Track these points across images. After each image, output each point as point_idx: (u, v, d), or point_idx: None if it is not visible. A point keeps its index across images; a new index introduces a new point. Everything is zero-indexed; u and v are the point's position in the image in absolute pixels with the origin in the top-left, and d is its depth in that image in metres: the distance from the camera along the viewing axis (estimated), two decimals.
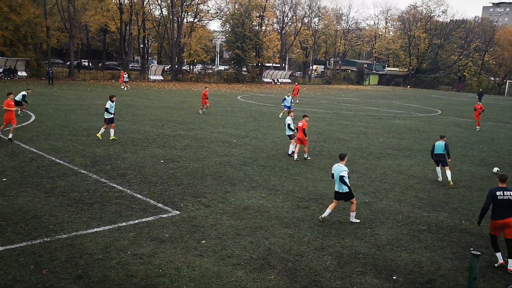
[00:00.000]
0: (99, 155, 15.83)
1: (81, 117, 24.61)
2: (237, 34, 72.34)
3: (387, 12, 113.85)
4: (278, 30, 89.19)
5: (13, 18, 50.21)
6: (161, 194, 11.91)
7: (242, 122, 26.71)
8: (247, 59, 76.15)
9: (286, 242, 9.29)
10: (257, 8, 77.69)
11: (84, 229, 9.22)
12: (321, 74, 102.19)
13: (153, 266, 7.84)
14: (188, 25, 75.77)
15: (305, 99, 49.30)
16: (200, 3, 74.55)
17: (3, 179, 12.23)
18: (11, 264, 7.54)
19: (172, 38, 70.21)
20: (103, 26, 71.63)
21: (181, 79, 71.17)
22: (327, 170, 15.74)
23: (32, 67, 56.50)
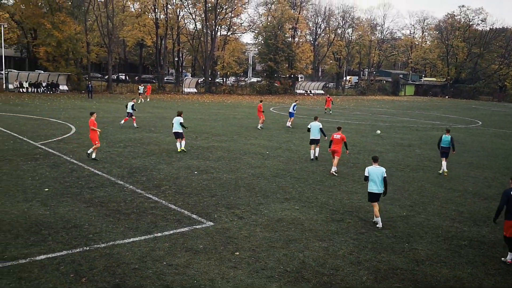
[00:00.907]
0: (136, 166, 16.16)
1: (118, 129, 25.21)
2: (270, 46, 72.80)
3: (424, 21, 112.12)
4: (311, 41, 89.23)
5: (56, 35, 52.20)
6: (195, 205, 12.02)
7: (275, 134, 26.72)
8: (280, 70, 76.42)
9: (320, 256, 9.18)
10: (290, 20, 78.07)
11: (121, 239, 9.40)
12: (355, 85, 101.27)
13: (188, 277, 7.90)
14: (221, 38, 76.83)
15: (339, 110, 48.93)
16: (233, 16, 75.56)
17: (45, 189, 12.65)
18: (52, 273, 7.76)
19: (205, 51, 71.30)
20: (139, 41, 73.46)
21: (215, 91, 72.01)
22: (362, 182, 15.52)
23: (72, 81, 58.44)
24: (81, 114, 32.12)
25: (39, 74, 55.65)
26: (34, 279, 7.51)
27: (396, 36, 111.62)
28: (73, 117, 29.48)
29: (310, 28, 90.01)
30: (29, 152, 17.66)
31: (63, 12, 54.31)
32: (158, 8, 67.11)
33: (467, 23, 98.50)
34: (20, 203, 11.29)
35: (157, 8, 67.16)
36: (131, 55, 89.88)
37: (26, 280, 7.44)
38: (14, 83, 52.37)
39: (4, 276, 7.54)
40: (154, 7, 67.34)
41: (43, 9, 56.07)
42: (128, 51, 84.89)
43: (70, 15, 55.70)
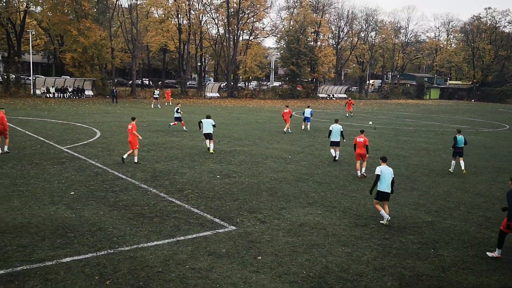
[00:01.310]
0: (159, 170, 16.32)
1: (142, 134, 25.47)
2: (292, 50, 72.78)
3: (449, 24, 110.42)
4: (333, 45, 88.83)
5: (82, 41, 53.31)
6: (217, 209, 12.06)
7: (297, 138, 26.63)
8: (302, 74, 76.27)
9: (344, 261, 9.09)
10: (312, 24, 77.95)
11: (145, 242, 9.49)
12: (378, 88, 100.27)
13: (211, 281, 7.92)
14: (243, 42, 77.18)
15: (362, 114, 48.51)
16: (255, 21, 75.82)
17: (71, 192, 12.88)
18: (78, 275, 7.89)
19: (228, 55, 71.72)
20: (163, 46, 74.42)
21: (237, 95, 72.31)
22: None
23: (97, 86, 59.55)
24: (105, 118, 32.66)
25: (65, 79, 56.91)
26: (60, 281, 7.64)
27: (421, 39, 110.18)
28: (98, 122, 30.00)
29: (333, 32, 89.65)
30: (56, 156, 18.03)
31: (88, 19, 55.42)
32: (181, 13, 67.88)
33: (493, 25, 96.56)
34: (47, 206, 11.52)
35: (180, 13, 67.94)
36: (154, 60, 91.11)
37: (52, 282, 7.58)
38: (41, 88, 53.66)
39: (31, 277, 7.69)
40: (177, 12, 68.13)
41: (70, 16, 57.32)
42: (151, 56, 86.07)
43: (96, 22, 56.82)
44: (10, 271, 7.87)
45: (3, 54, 62.18)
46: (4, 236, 9.38)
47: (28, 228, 9.90)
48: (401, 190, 14.93)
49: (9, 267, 8.01)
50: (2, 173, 14.73)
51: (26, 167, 15.71)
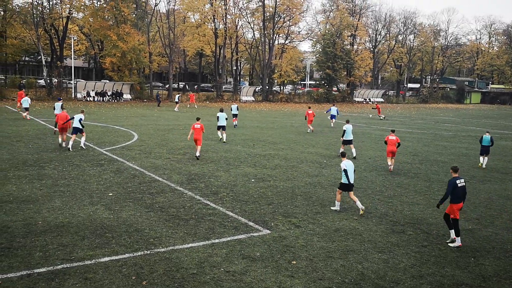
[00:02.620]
0: (194, 173, 16.49)
1: (178, 137, 25.89)
2: (328, 54, 72.27)
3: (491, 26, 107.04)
4: (370, 48, 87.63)
5: (121, 46, 54.71)
6: (252, 212, 12.06)
7: (333, 142, 26.37)
8: (338, 78, 75.59)
9: (380, 268, 8.91)
10: (348, 27, 77.24)
11: (180, 244, 9.59)
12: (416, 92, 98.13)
13: (245, 284, 7.92)
14: (279, 46, 77.24)
15: (399, 119, 47.63)
16: (291, 25, 75.77)
17: (110, 194, 13.19)
18: (115, 274, 8.05)
19: (263, 59, 71.91)
20: (199, 50, 75.35)
21: (272, 99, 72.35)
22: (424, 193, 14.99)
23: (135, 90, 60.91)
24: (143, 122, 33.32)
25: (104, 83, 58.54)
26: (99, 280, 7.82)
27: (461, 42, 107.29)
28: (136, 125, 30.64)
29: (370, 35, 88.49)
30: (95, 158, 18.52)
31: (128, 24, 56.84)
32: (217, 18, 68.61)
33: None
34: (86, 207, 11.84)
35: (216, 18, 68.67)
36: (191, 65, 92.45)
37: (91, 281, 7.76)
38: (82, 92, 55.34)
39: (71, 276, 7.91)
40: (213, 17, 68.90)
41: (110, 21, 58.98)
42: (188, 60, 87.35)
43: (134, 27, 58.21)
44: (51, 269, 8.12)
45: (46, 59, 64.51)
46: (46, 235, 9.70)
47: (68, 228, 10.20)
48: (441, 197, 14.52)
49: (50, 265, 8.27)
50: (45, 174, 15.25)
51: (67, 168, 16.20)
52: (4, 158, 17.40)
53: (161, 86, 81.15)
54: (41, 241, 9.33)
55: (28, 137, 23.15)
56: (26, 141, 21.66)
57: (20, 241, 9.29)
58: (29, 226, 10.19)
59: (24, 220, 10.53)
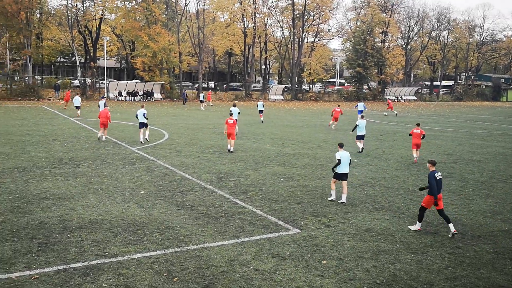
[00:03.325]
0: (224, 172, 16.58)
1: (208, 136, 26.11)
2: (359, 52, 71.43)
3: None
4: (402, 45, 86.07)
5: (151, 46, 55.57)
6: (281, 211, 12.04)
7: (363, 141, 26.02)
8: (369, 76, 74.59)
9: (413, 269, 8.74)
10: (380, 24, 76.08)
11: (210, 242, 9.66)
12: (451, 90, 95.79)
13: (275, 283, 7.91)
14: (308, 44, 76.81)
15: (432, 117, 46.64)
16: (321, 22, 75.21)
17: (141, 191, 13.42)
18: (147, 271, 8.18)
19: (292, 58, 71.68)
20: (228, 50, 75.81)
21: (301, 98, 72.05)
22: (458, 193, 14.63)
23: (166, 90, 61.76)
24: (173, 121, 33.75)
25: (136, 83, 59.59)
26: (131, 275, 7.96)
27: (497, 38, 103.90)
28: (166, 124, 31.05)
29: (402, 32, 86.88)
30: (127, 156, 18.87)
31: (158, 25, 57.67)
32: (246, 17, 68.80)
33: None
34: (119, 204, 12.07)
35: (245, 17, 68.87)
36: (220, 64, 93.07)
37: (124, 276, 7.91)
38: (114, 92, 56.49)
39: (105, 271, 8.08)
40: (242, 16, 69.11)
41: (141, 22, 59.98)
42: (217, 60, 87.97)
43: (165, 27, 59.02)
44: (86, 264, 8.32)
45: (80, 60, 66.14)
46: (81, 231, 9.94)
47: (102, 224, 10.42)
48: (476, 197, 14.16)
49: (85, 261, 8.47)
50: (79, 171, 15.64)
51: (100, 167, 16.56)
52: (41, 156, 17.94)
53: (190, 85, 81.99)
54: (76, 237, 9.58)
55: (64, 136, 23.78)
56: (61, 140, 22.26)
57: (57, 237, 9.55)
58: (64, 222, 10.48)
59: (60, 217, 10.83)
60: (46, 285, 7.49)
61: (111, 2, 62.22)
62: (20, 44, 52.13)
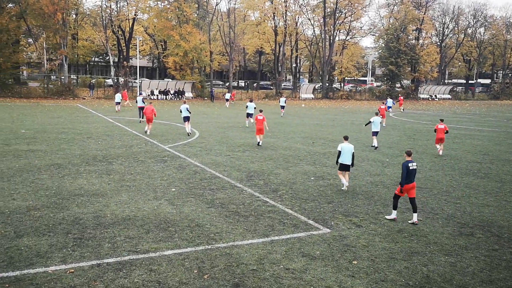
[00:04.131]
0: (253, 170, 16.61)
1: (238, 134, 26.21)
2: (391, 49, 70.23)
3: None
4: (437, 42, 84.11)
5: (183, 45, 56.19)
6: (311, 211, 11.96)
7: (396, 141, 25.61)
8: (402, 74, 73.25)
9: (446, 271, 8.53)
10: (414, 21, 74.56)
11: (240, 240, 9.70)
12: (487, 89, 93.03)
13: (305, 282, 7.86)
14: (340, 42, 76.04)
15: (468, 116, 45.41)
16: (353, 20, 74.34)
17: (172, 189, 13.59)
18: (178, 267, 8.28)
19: (323, 56, 71.11)
20: (258, 48, 75.84)
21: (332, 97, 71.42)
22: (495, 194, 14.20)
23: (196, 88, 62.35)
24: (204, 119, 34.03)
25: (167, 82, 60.38)
26: (163, 272, 8.07)
27: None
28: (197, 122, 31.34)
29: (437, 29, 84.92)
30: (159, 154, 19.14)
31: (189, 24, 58.25)
32: (277, 15, 68.67)
33: None
34: (150, 201, 12.26)
35: (276, 15, 68.74)
36: (250, 63, 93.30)
37: (155, 272, 8.03)
38: (146, 91, 57.43)
39: (137, 267, 8.22)
40: (273, 15, 69.02)
41: (173, 21, 60.72)
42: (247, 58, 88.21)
43: (196, 26, 59.57)
44: (119, 260, 8.48)
45: (114, 60, 67.53)
46: (114, 227, 10.15)
47: (134, 221, 10.61)
48: None
49: (118, 256, 8.64)
50: (113, 169, 15.97)
51: (133, 164, 16.87)
52: (76, 154, 18.41)
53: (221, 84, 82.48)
54: (109, 233, 9.78)
55: (97, 134, 24.34)
56: (95, 138, 22.79)
57: (91, 233, 9.78)
58: (98, 218, 10.72)
59: (94, 213, 11.09)
60: (81, 279, 7.68)
61: (143, 2, 63.24)
62: (56, 44, 53.64)
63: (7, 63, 47.83)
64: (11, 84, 52.84)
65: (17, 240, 9.19)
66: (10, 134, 22.87)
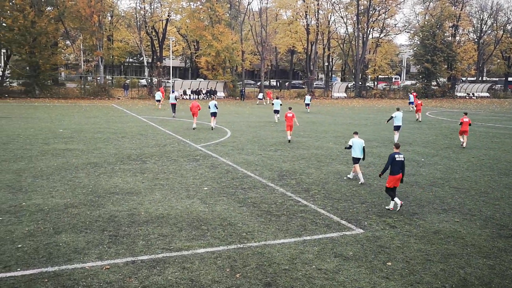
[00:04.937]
0: (285, 169, 16.56)
1: (269, 133, 26.19)
2: (427, 47, 68.67)
3: None
4: (474, 39, 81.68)
5: (215, 45, 56.62)
6: (344, 211, 11.83)
7: (431, 140, 25.02)
8: (438, 72, 71.49)
9: (485, 274, 8.26)
10: (450, 17, 72.62)
11: (272, 239, 9.68)
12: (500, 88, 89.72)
13: (338, 283, 7.78)
14: (373, 40, 74.89)
15: (507, 115, 43.91)
16: (387, 17, 73.08)
17: (205, 188, 13.70)
18: (211, 266, 8.34)
19: (356, 54, 70.23)
20: (290, 47, 75.56)
21: (365, 95, 70.44)
22: None
23: (228, 88, 62.71)
24: (235, 119, 34.19)
25: (200, 82, 60.97)
26: (195, 270, 8.15)
27: None
28: (229, 122, 31.51)
29: (474, 25, 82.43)
30: (191, 153, 19.35)
31: (222, 24, 58.64)
32: (309, 14, 68.24)
33: None
34: (183, 200, 12.40)
35: (308, 14, 68.33)
36: (282, 62, 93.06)
37: (188, 270, 8.11)
38: (179, 90, 58.16)
39: (170, 264, 8.33)
40: (305, 13, 68.63)
41: (205, 22, 61.28)
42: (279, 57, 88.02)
43: (228, 26, 59.90)
44: (153, 257, 8.62)
45: (148, 60, 68.72)
46: (148, 225, 10.32)
47: (167, 219, 10.76)
48: None
49: (152, 254, 8.78)
50: (147, 168, 16.25)
51: (166, 163, 17.11)
52: (111, 153, 18.83)
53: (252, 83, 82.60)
54: (143, 231, 9.95)
55: (132, 133, 24.81)
56: (130, 137, 23.24)
57: (125, 230, 9.98)
58: (133, 216, 10.92)
59: (128, 211, 11.31)
60: (116, 276, 7.84)
61: (176, 3, 64.07)
62: (93, 46, 55.06)
63: (46, 65, 49.38)
64: (50, 85, 54.57)
65: (56, 237, 9.47)
66: (49, 134, 23.61)
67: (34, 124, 27.46)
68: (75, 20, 53.12)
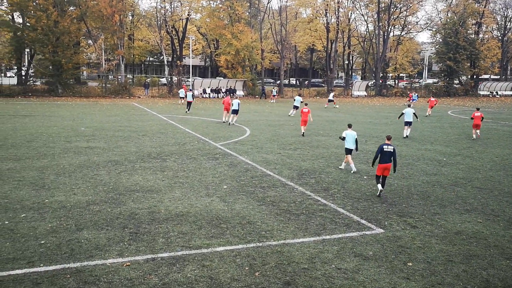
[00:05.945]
0: (305, 168, 16.50)
1: (288, 132, 26.12)
2: (449, 45, 67.53)
3: None
4: (498, 37, 79.99)
5: (235, 44, 56.69)
6: (364, 210, 11.73)
7: (454, 139, 24.62)
8: (460, 70, 70.27)
9: (508, 276, 8.10)
10: (473, 15, 71.28)
11: (291, 238, 9.66)
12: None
13: (357, 283, 7.72)
14: (394, 38, 73.99)
15: None
16: (408, 15, 72.08)
17: (224, 186, 13.75)
18: (230, 264, 8.37)
19: (377, 53, 69.50)
20: (310, 46, 75.20)
21: (385, 94, 69.68)
22: None
23: (248, 86, 62.75)
24: (255, 117, 34.19)
25: (219, 80, 61.16)
26: (215, 267, 8.19)
27: None
28: (248, 120, 31.54)
29: (498, 23, 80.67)
30: (211, 151, 19.43)
31: (241, 23, 58.68)
32: (329, 12, 67.78)
33: None
34: (203, 198, 12.47)
35: (328, 12, 67.88)
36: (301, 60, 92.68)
37: (208, 268, 8.16)
38: (198, 89, 58.45)
39: (190, 262, 8.39)
40: (325, 11, 68.20)
41: (225, 21, 61.42)
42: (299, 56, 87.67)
43: (248, 25, 59.90)
44: (172, 255, 8.69)
45: (168, 59, 69.24)
46: (168, 223, 10.41)
47: (187, 217, 10.83)
48: None
49: (171, 251, 8.86)
50: (167, 166, 16.38)
51: (186, 161, 17.22)
52: (132, 151, 19.04)
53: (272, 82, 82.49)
54: (163, 228, 10.04)
55: (152, 131, 25.05)
56: (150, 136, 23.47)
57: (146, 227, 10.08)
58: (153, 213, 11.03)
59: (149, 208, 11.42)
60: (137, 272, 7.93)
61: (196, 2, 64.35)
62: (114, 45, 55.69)
63: (69, 64, 50.13)
64: (72, 84, 55.40)
65: (78, 233, 9.63)
66: (71, 132, 24.00)
67: (57, 122, 27.95)
68: (96, 20, 53.82)
